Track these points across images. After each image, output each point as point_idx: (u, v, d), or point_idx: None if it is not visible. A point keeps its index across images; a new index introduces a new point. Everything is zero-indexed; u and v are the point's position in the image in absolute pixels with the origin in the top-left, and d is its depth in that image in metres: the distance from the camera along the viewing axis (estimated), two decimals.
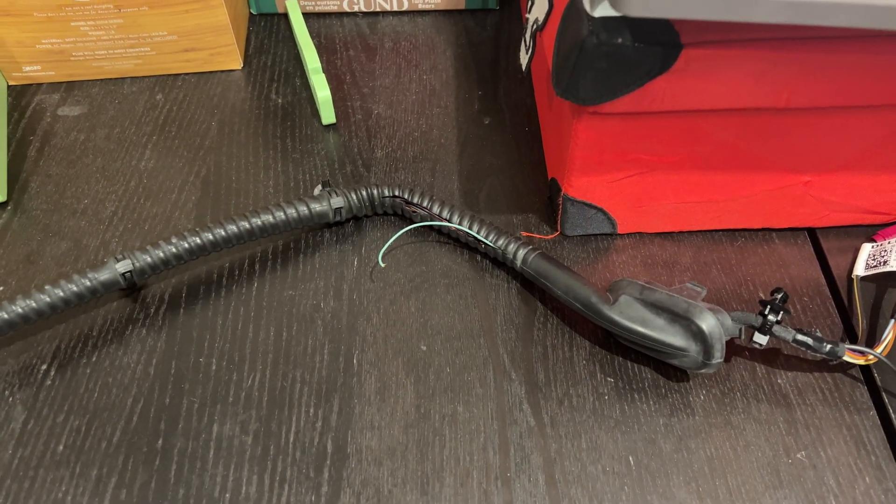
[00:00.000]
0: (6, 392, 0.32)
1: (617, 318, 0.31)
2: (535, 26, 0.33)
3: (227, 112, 0.44)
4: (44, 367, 0.33)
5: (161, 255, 0.34)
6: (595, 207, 0.35)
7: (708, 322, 0.29)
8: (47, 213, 0.39)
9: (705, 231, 0.37)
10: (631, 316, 0.31)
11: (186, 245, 0.34)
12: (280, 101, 0.44)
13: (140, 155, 0.41)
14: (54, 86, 0.45)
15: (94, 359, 0.33)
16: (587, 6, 0.27)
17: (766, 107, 0.30)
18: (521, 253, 0.34)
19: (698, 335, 0.30)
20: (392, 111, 0.44)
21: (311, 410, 0.31)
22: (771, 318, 0.30)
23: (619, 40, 0.27)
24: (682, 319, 0.30)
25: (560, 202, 0.35)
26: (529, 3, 0.34)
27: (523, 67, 0.34)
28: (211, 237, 0.34)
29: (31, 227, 0.38)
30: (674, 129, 0.31)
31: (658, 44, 0.27)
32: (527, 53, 0.34)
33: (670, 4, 0.23)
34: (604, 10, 0.27)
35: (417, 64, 0.47)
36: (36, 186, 0.40)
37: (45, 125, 0.43)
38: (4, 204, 0.39)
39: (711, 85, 0.28)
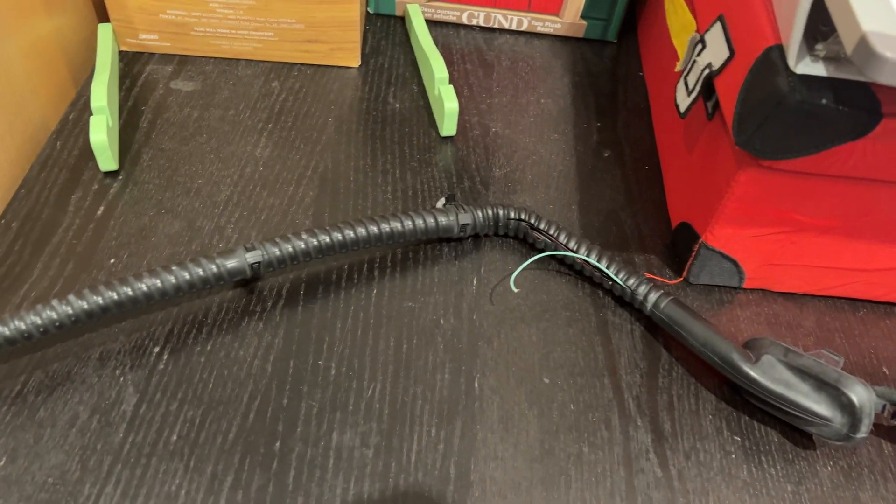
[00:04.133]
0: (117, 371, 0.31)
1: (759, 378, 0.30)
2: (707, 70, 0.32)
3: (344, 109, 0.43)
4: (156, 349, 0.32)
5: (290, 249, 0.33)
6: (730, 259, 0.35)
7: (860, 395, 0.29)
8: (160, 189, 0.37)
9: (828, 297, 0.37)
10: (775, 378, 0.30)
11: (315, 242, 0.33)
12: (397, 106, 0.43)
13: (255, 141, 0.40)
14: (167, 58, 0.44)
15: (208, 347, 0.32)
16: (791, 61, 0.27)
17: None
18: (653, 296, 0.33)
19: (847, 407, 0.29)
20: (510, 131, 0.43)
21: (433, 431, 0.30)
22: None
23: (823, 101, 0.26)
24: (829, 388, 0.29)
25: (696, 249, 0.35)
26: (697, 46, 0.34)
27: (682, 110, 0.34)
28: (340, 237, 0.33)
29: (143, 201, 0.37)
30: (844, 195, 0.30)
31: (861, 109, 0.26)
32: (688, 96, 0.34)
33: None
34: (806, 68, 0.27)
35: (535, 87, 0.46)
36: (148, 159, 0.39)
37: (157, 97, 0.42)
38: (116, 173, 0.38)
39: None
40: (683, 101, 0.34)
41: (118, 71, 0.43)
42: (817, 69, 0.27)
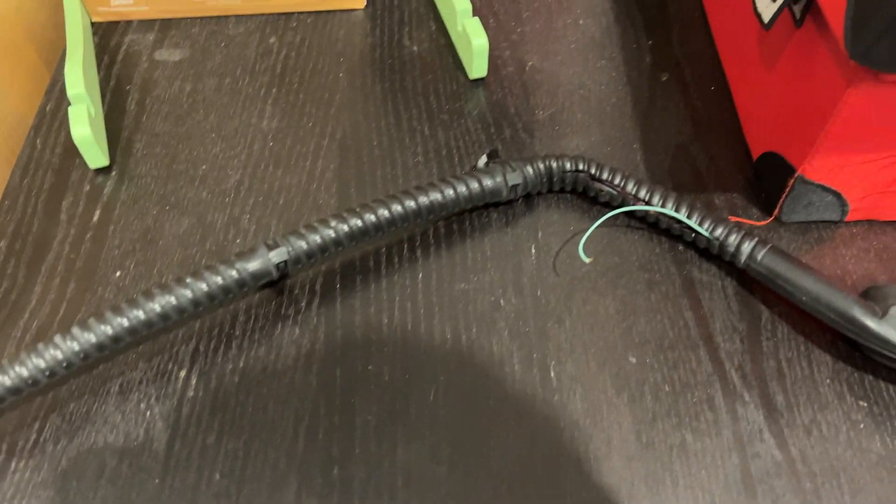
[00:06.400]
0: (142, 404, 0.27)
1: (890, 335, 0.25)
2: None
3: (355, 61, 0.37)
4: (182, 373, 0.28)
5: (319, 240, 0.28)
6: (832, 191, 0.29)
7: None
8: (160, 181, 0.33)
9: None
10: None
11: (347, 228, 0.28)
12: (415, 48, 0.38)
13: (260, 112, 0.35)
14: (146, 24, 0.39)
15: (241, 364, 0.28)
16: None
17: None
18: (747, 246, 0.28)
19: None
20: (549, 63, 0.37)
21: (511, 435, 0.26)
22: None
23: None
24: None
25: (791, 183, 0.29)
26: None
27: (765, 20, 0.28)
28: (374, 219, 0.29)
29: (143, 198, 0.32)
30: None
31: None
32: (774, 1, 0.28)
33: None
34: None
35: (570, 6, 0.40)
36: (142, 148, 0.34)
37: (142, 72, 0.37)
38: (107, 169, 0.33)
39: None
40: (767, 9, 0.28)
41: (93, 47, 0.37)
42: None
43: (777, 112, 0.30)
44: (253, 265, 0.27)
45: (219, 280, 0.27)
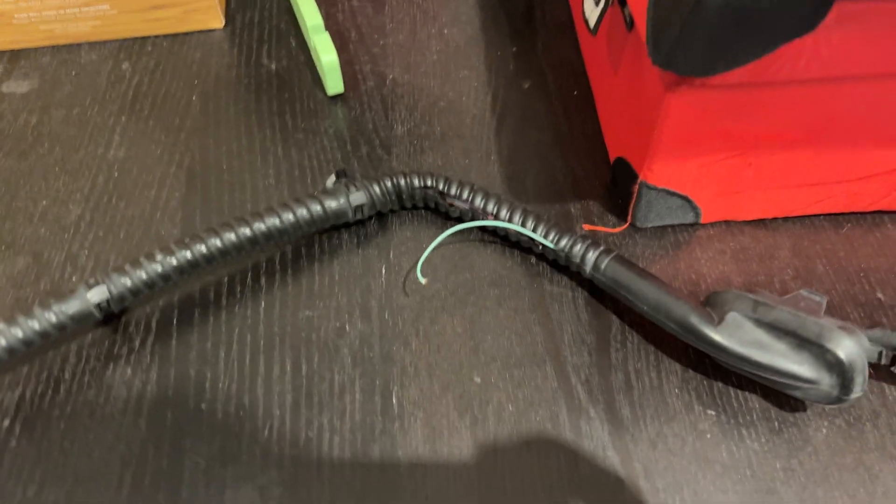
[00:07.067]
0: None
1: (726, 343, 0.25)
2: None
3: (209, 83, 0.36)
4: (6, 423, 0.26)
5: (144, 276, 0.27)
6: (679, 195, 0.29)
7: (848, 350, 0.23)
8: None
9: (804, 217, 0.31)
10: (744, 340, 0.25)
11: (175, 262, 0.27)
12: (273, 66, 0.37)
13: (107, 141, 0.34)
14: None
15: (68, 410, 0.27)
16: None
17: None
18: (591, 257, 0.28)
19: (835, 366, 0.24)
20: (410, 76, 0.36)
21: (346, 469, 0.25)
22: None
23: None
24: (811, 345, 0.24)
25: (635, 190, 0.29)
26: None
27: (591, 25, 0.27)
28: (204, 250, 0.27)
29: None
30: (801, 101, 0.24)
31: None
32: (597, 6, 0.27)
33: None
34: None
35: (435, 15, 0.39)
36: None
37: None
38: None
39: (866, 47, 0.21)
40: (592, 14, 0.27)
41: None
42: None
43: (622, 117, 0.30)
44: (72, 307, 0.26)
45: (35, 325, 0.26)
